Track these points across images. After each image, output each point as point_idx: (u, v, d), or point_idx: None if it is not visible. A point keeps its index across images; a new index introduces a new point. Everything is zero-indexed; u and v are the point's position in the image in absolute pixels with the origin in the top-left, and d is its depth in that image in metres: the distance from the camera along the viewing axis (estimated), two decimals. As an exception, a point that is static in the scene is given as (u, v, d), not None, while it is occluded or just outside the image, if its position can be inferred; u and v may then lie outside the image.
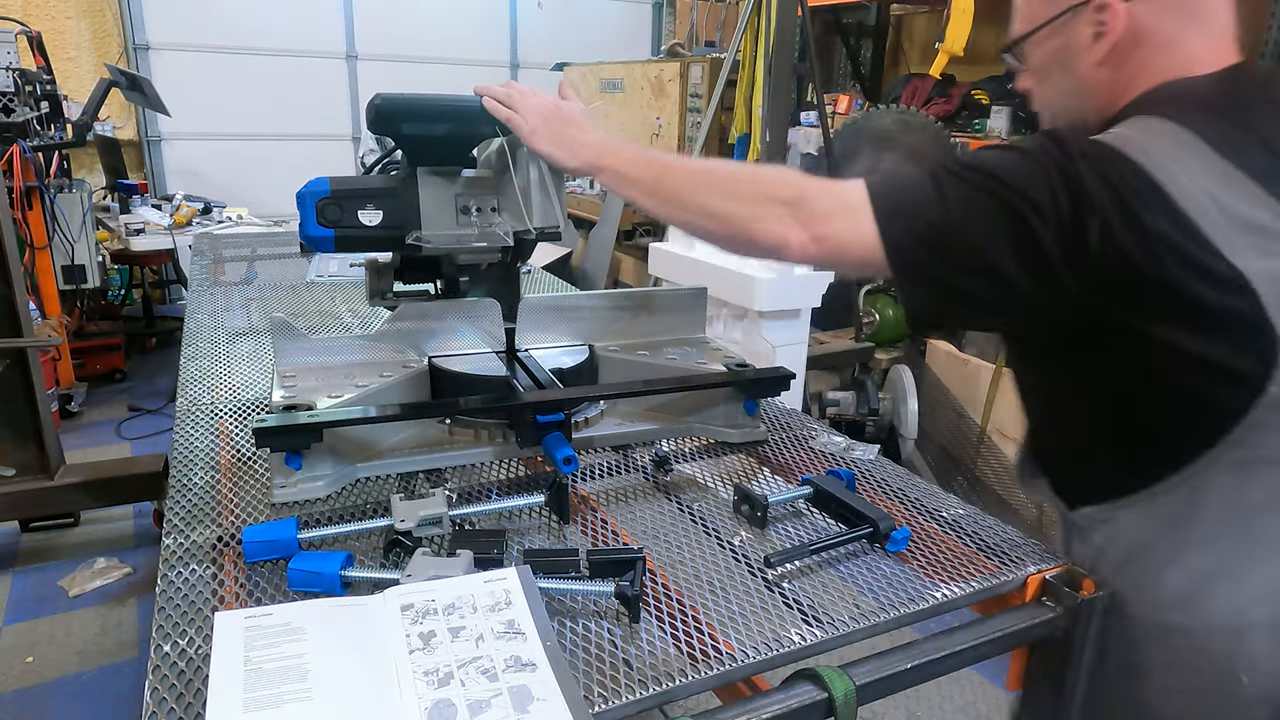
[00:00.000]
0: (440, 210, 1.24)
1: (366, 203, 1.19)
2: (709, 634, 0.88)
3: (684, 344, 1.57)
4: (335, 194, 1.18)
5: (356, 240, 1.23)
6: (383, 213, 1.21)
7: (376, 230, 1.21)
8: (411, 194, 1.22)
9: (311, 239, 1.20)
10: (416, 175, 1.23)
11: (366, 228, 1.20)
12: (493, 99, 1.21)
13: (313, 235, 1.19)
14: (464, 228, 1.26)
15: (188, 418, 1.41)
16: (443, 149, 1.26)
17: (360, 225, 1.20)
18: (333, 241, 1.20)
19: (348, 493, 1.17)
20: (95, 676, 2.50)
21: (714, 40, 6.24)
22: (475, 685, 0.76)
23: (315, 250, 1.24)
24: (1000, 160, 0.93)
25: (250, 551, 0.98)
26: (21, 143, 3.78)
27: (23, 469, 2.90)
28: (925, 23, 5.39)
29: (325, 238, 1.20)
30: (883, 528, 1.06)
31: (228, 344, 1.80)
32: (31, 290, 3.91)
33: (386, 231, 1.22)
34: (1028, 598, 1.01)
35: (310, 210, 1.17)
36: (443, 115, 1.24)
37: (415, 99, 1.21)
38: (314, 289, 2.26)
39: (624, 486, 1.23)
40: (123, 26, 6.06)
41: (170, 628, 0.87)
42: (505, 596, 0.87)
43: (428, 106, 1.22)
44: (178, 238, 4.70)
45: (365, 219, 1.20)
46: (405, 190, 1.22)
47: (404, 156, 1.28)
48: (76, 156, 5.42)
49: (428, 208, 1.23)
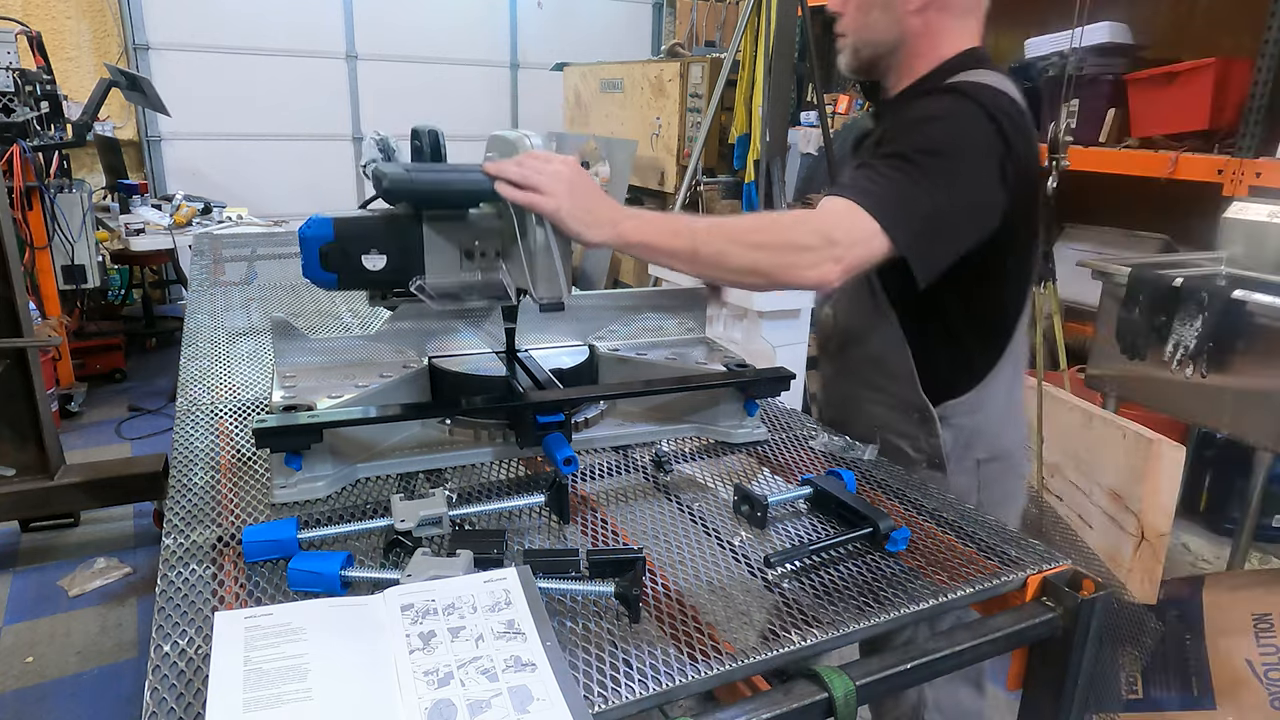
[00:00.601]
0: (444, 256, 1.23)
1: (370, 247, 1.19)
2: (709, 634, 0.88)
3: (684, 344, 1.58)
4: (339, 238, 1.17)
5: (360, 283, 1.23)
6: (386, 257, 1.20)
7: (380, 275, 1.21)
8: (416, 238, 1.21)
9: (315, 281, 1.20)
10: (421, 219, 1.22)
11: (370, 272, 1.20)
12: (507, 182, 1.14)
13: (316, 278, 1.19)
14: (468, 273, 1.25)
15: (188, 418, 1.41)
16: (450, 207, 1.25)
17: (364, 269, 1.19)
18: (336, 283, 1.20)
19: (348, 493, 1.17)
20: (95, 676, 2.50)
21: (714, 40, 6.24)
22: (475, 685, 0.76)
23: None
24: (946, 136, 1.23)
25: (250, 551, 0.98)
26: (21, 143, 3.78)
27: (23, 469, 2.90)
28: (925, 23, 5.38)
29: (329, 281, 1.19)
30: (883, 528, 1.06)
31: (228, 344, 1.80)
32: (31, 290, 3.92)
33: (390, 275, 1.22)
34: (1028, 598, 1.01)
35: (314, 255, 1.17)
36: (455, 197, 1.21)
37: (425, 184, 1.18)
38: (314, 289, 2.26)
39: (624, 486, 1.23)
40: (123, 26, 6.06)
41: (170, 628, 0.87)
42: (505, 596, 0.87)
43: (438, 190, 1.19)
44: (178, 238, 4.70)
45: (369, 264, 1.19)
46: (409, 234, 1.21)
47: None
48: (76, 156, 5.43)
49: (432, 254, 1.22)
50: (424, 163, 1.25)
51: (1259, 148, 2.95)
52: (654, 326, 1.59)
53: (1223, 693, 2.06)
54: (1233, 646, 2.07)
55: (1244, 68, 3.02)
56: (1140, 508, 2.20)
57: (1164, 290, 2.39)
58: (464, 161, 1.22)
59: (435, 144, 1.26)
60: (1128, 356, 2.52)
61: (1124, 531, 2.26)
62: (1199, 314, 2.30)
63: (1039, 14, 4.26)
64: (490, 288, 1.25)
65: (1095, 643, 0.98)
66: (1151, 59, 3.57)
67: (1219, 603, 2.14)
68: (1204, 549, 2.95)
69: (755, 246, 1.17)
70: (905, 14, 1.33)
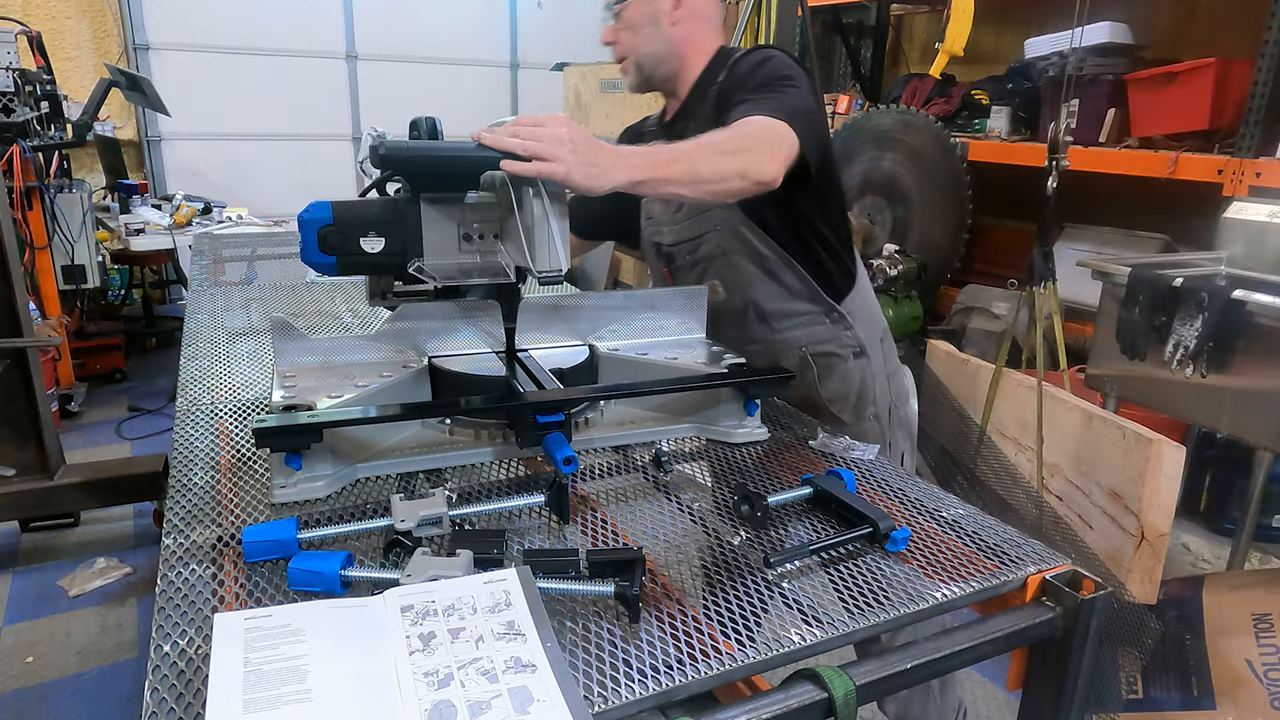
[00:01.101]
0: (442, 238, 1.23)
1: (368, 230, 1.19)
2: (709, 634, 0.88)
3: (684, 344, 1.58)
4: (337, 221, 1.17)
5: (358, 266, 1.23)
6: (384, 239, 1.20)
7: (378, 257, 1.21)
8: (414, 221, 1.21)
9: (313, 265, 1.20)
10: (419, 201, 1.22)
11: (368, 254, 1.20)
12: (509, 152, 1.13)
13: (314, 261, 1.19)
14: (466, 255, 1.25)
15: (188, 418, 1.41)
16: (447, 184, 1.25)
17: (362, 252, 1.19)
18: (334, 267, 1.20)
19: (348, 493, 1.17)
20: (95, 676, 2.50)
21: (714, 40, 6.23)
22: (475, 686, 0.76)
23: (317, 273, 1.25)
24: (782, 67, 1.57)
25: (250, 551, 0.98)
26: (21, 143, 3.78)
27: (23, 469, 2.90)
28: (925, 23, 5.39)
29: (327, 264, 1.19)
30: (883, 528, 1.06)
31: (228, 344, 1.80)
32: (31, 290, 3.92)
33: (388, 258, 1.22)
34: (1028, 598, 1.01)
35: (312, 237, 1.17)
36: (449, 165, 1.20)
37: (420, 151, 1.18)
38: (314, 289, 2.26)
39: (624, 486, 1.23)
40: (123, 26, 6.06)
41: (170, 628, 0.87)
42: (505, 597, 0.87)
43: (432, 158, 1.19)
44: (178, 238, 4.70)
45: (367, 246, 1.19)
46: (407, 217, 1.21)
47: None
48: (76, 156, 5.43)
49: (430, 235, 1.22)
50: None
51: (1259, 148, 2.95)
52: (654, 326, 1.59)
53: (1223, 693, 2.06)
54: (1233, 646, 2.07)
55: (1244, 68, 3.02)
56: (1140, 508, 2.19)
57: (1164, 290, 2.39)
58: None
59: (433, 131, 1.26)
60: (1128, 356, 2.52)
61: (1124, 531, 2.26)
62: (1199, 314, 2.30)
63: (1039, 14, 4.26)
64: (488, 269, 1.25)
65: (1095, 643, 0.98)
66: (1151, 59, 3.57)
67: (1219, 603, 2.14)
68: (1204, 549, 2.95)
69: (735, 152, 1.35)
70: (669, 26, 1.66)
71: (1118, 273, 2.56)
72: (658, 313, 1.59)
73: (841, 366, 1.73)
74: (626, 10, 1.68)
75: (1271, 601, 2.07)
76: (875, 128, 4.38)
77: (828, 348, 1.73)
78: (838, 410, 1.74)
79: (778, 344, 1.76)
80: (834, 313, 1.72)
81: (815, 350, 1.73)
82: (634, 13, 1.67)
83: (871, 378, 1.75)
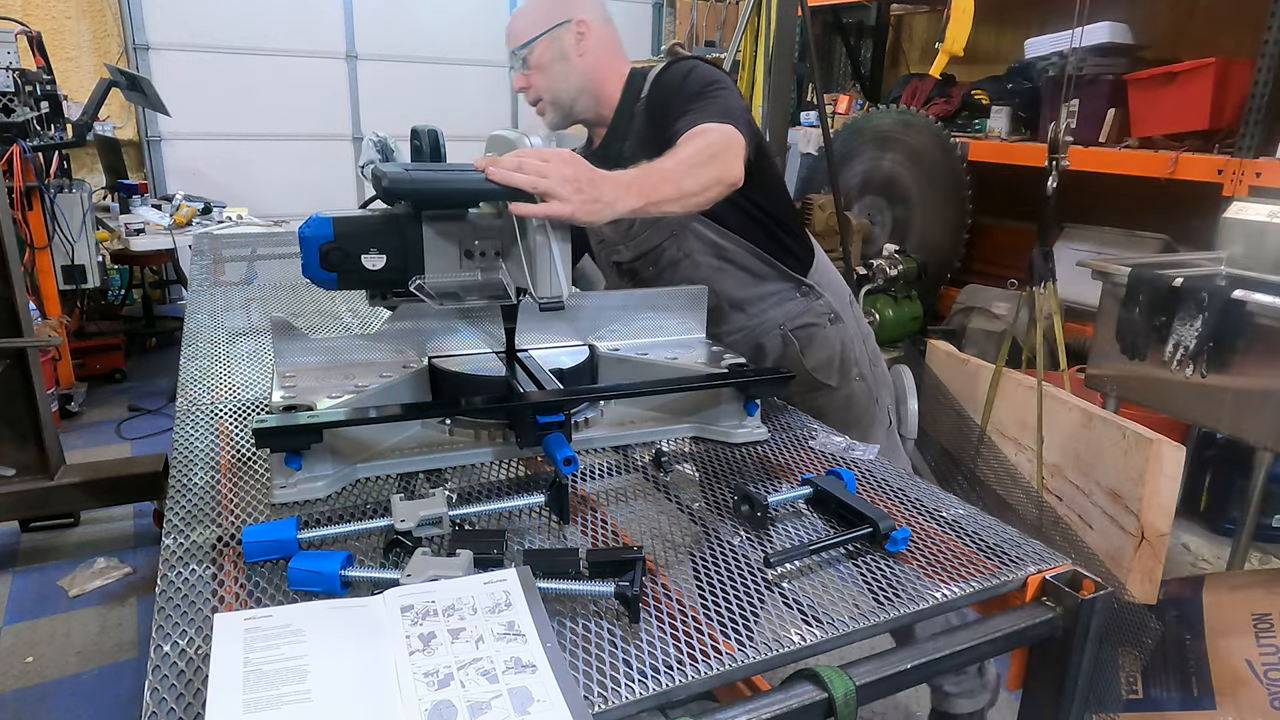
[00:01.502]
0: (443, 255, 1.23)
1: (370, 247, 1.19)
2: (709, 634, 0.88)
3: (684, 344, 1.58)
4: (339, 238, 1.17)
5: (359, 281, 1.23)
6: (386, 256, 1.20)
7: (380, 274, 1.21)
8: (415, 237, 1.21)
9: (315, 281, 1.20)
10: (420, 219, 1.22)
11: (369, 271, 1.20)
12: (518, 188, 1.14)
13: (316, 278, 1.19)
14: (467, 272, 1.25)
15: (188, 418, 1.41)
16: (449, 207, 1.25)
17: (363, 269, 1.19)
18: (335, 283, 1.20)
19: (348, 493, 1.17)
20: (95, 676, 2.50)
21: (714, 40, 6.23)
22: (475, 687, 0.76)
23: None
24: (708, 75, 1.66)
25: (250, 551, 0.98)
26: (21, 143, 3.78)
27: (23, 469, 2.90)
28: (925, 23, 5.39)
29: (328, 280, 1.20)
30: (883, 528, 1.06)
31: (228, 344, 1.80)
32: (31, 290, 3.91)
33: (389, 274, 1.22)
34: (1028, 598, 1.01)
35: (314, 254, 1.17)
36: (454, 197, 1.21)
37: (424, 184, 1.17)
38: (314, 289, 2.25)
39: (624, 486, 1.23)
40: (123, 26, 6.05)
41: (170, 628, 0.87)
42: (505, 598, 0.87)
43: (437, 190, 1.19)
44: (178, 238, 4.70)
45: (368, 263, 1.19)
46: (409, 233, 1.21)
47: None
48: (76, 156, 5.42)
49: (431, 253, 1.22)
50: (423, 163, 1.25)
51: (1259, 148, 2.95)
52: (654, 326, 1.59)
53: (1223, 693, 2.06)
54: (1233, 646, 2.07)
55: (1244, 68, 3.02)
56: (1140, 508, 2.19)
57: (1164, 290, 2.39)
58: (464, 161, 1.22)
59: (435, 144, 1.26)
60: (1128, 356, 2.52)
61: (1124, 531, 2.26)
62: (1199, 314, 2.30)
63: (1039, 14, 4.26)
64: (490, 287, 1.25)
65: (1095, 643, 0.98)
66: (1151, 59, 3.57)
67: (1219, 603, 2.14)
68: (1204, 549, 2.95)
69: (709, 162, 1.41)
70: (579, 59, 1.72)
71: (1118, 273, 2.56)
72: (658, 313, 1.59)
73: (821, 334, 1.81)
74: (534, 54, 1.72)
75: (1271, 601, 2.07)
76: (875, 128, 4.38)
77: (805, 319, 1.80)
78: (824, 377, 1.81)
79: (757, 328, 1.81)
80: (802, 286, 1.80)
81: (794, 325, 1.80)
82: (541, 54, 1.72)
83: (850, 340, 1.84)
